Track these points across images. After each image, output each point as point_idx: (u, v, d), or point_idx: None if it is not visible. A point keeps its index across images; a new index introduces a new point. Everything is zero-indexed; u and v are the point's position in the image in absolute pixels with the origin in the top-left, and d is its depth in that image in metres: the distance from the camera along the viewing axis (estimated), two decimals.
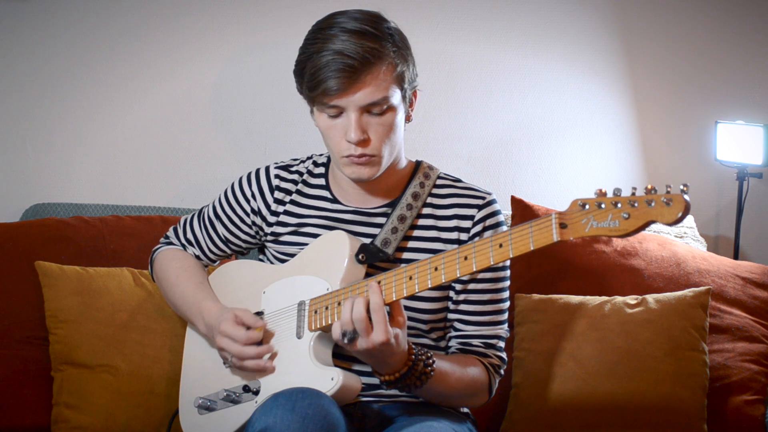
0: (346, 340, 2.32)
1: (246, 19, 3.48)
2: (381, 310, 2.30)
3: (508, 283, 2.64)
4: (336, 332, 2.34)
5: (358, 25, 2.45)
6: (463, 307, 2.59)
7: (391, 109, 2.48)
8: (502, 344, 2.63)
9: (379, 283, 2.34)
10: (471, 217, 2.60)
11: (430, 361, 2.42)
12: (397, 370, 2.38)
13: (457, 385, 2.51)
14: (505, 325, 2.64)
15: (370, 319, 2.31)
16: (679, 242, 3.32)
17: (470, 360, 2.57)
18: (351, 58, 2.41)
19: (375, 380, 2.54)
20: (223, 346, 2.52)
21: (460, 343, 2.61)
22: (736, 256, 3.58)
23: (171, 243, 2.85)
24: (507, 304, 2.64)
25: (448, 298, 2.62)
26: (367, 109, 2.46)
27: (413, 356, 2.39)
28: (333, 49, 2.43)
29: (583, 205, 2.06)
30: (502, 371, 2.62)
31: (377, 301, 2.30)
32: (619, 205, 2.01)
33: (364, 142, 2.47)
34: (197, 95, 3.49)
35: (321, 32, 2.48)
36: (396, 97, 2.49)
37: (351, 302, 2.32)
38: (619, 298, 3.06)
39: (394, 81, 2.48)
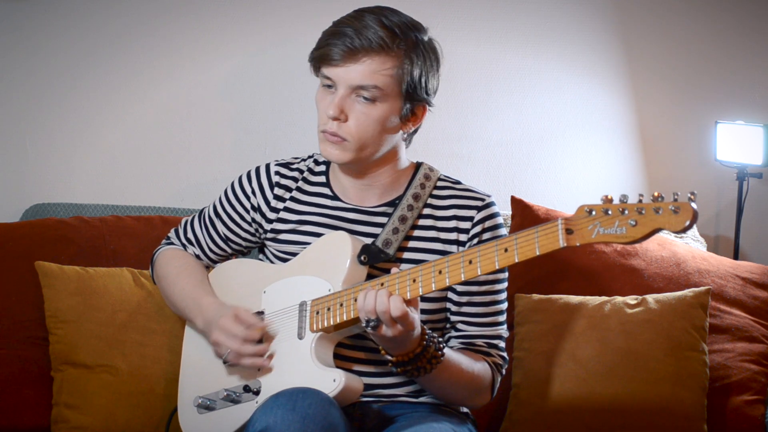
0: (369, 328, 2.32)
1: (246, 20, 3.47)
2: (406, 318, 2.30)
3: (506, 284, 2.66)
4: (362, 318, 2.33)
5: (391, 21, 2.50)
6: (465, 309, 2.60)
7: (380, 102, 2.50)
8: (503, 344, 2.64)
9: (382, 285, 2.35)
10: (470, 218, 2.61)
11: (441, 345, 2.42)
12: (411, 350, 2.38)
13: (463, 376, 2.51)
14: (505, 325, 2.65)
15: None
16: (679, 242, 3.32)
17: (476, 357, 2.57)
18: (359, 39, 2.45)
19: (375, 380, 2.56)
20: (220, 341, 2.52)
21: (463, 343, 2.61)
22: (736, 256, 3.58)
23: (172, 243, 2.85)
24: (506, 304, 2.65)
25: (447, 299, 2.62)
26: (356, 92, 2.48)
27: (426, 336, 2.39)
28: (353, 26, 2.47)
29: (590, 211, 2.05)
30: (503, 371, 2.63)
31: (399, 306, 2.29)
32: (626, 212, 2.00)
33: (340, 122, 2.50)
34: (197, 95, 3.49)
35: (359, 11, 2.53)
36: (389, 95, 2.50)
37: (374, 294, 2.31)
38: (619, 298, 3.06)
39: (393, 78, 2.49)
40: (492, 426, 3.07)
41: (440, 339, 2.44)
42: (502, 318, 2.64)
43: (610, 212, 2.02)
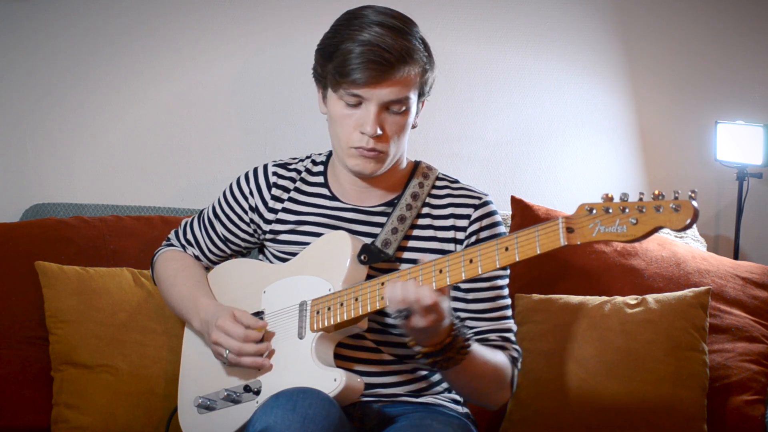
0: (400, 319, 2.29)
1: (246, 20, 3.47)
2: (437, 306, 2.26)
3: (507, 280, 2.65)
4: (392, 310, 2.29)
5: (394, 23, 2.47)
6: (472, 306, 2.59)
7: (408, 110, 2.50)
8: (515, 338, 2.62)
9: (383, 284, 2.34)
10: (467, 217, 2.61)
11: (468, 335, 2.38)
12: (440, 341, 2.33)
13: (488, 368, 2.48)
14: (513, 320, 2.64)
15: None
16: (679, 242, 3.32)
17: (495, 349, 2.55)
18: (388, 53, 2.43)
19: (375, 380, 2.56)
20: (219, 341, 2.52)
21: (477, 340, 2.58)
22: (736, 256, 3.58)
23: (171, 245, 2.85)
24: (509, 300, 2.65)
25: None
26: (386, 106, 2.47)
27: (455, 326, 2.34)
28: (369, 40, 2.43)
29: (591, 210, 2.05)
30: (519, 364, 2.61)
31: (430, 294, 2.25)
32: (627, 211, 2.00)
33: (378, 137, 2.48)
34: (197, 95, 3.48)
35: (356, 20, 2.49)
36: (415, 100, 2.51)
37: (401, 285, 2.27)
38: (619, 298, 3.06)
39: (418, 84, 2.51)
40: (492, 426, 3.07)
41: (466, 329, 2.39)
42: (509, 312, 2.63)
43: (610, 211, 2.02)
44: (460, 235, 2.60)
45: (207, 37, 3.47)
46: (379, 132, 2.47)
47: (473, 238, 2.60)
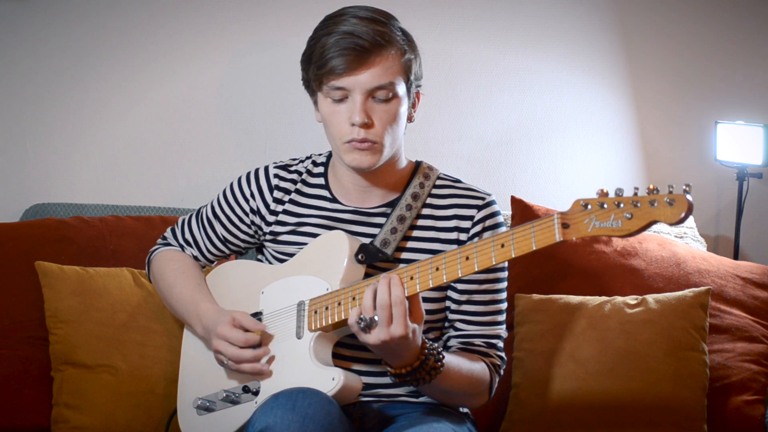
0: (361, 326, 2.31)
1: (246, 19, 3.48)
2: (402, 304, 2.29)
3: (506, 283, 2.65)
4: (353, 317, 2.33)
5: (368, 14, 2.49)
6: (465, 307, 2.59)
7: (396, 97, 2.50)
8: (501, 344, 2.63)
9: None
10: (470, 218, 2.61)
11: (441, 356, 2.41)
12: (409, 364, 2.37)
13: (463, 382, 2.50)
14: (504, 325, 2.64)
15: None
16: (679, 242, 3.32)
17: (474, 358, 2.57)
18: (361, 39, 2.44)
19: (375, 380, 2.56)
20: (219, 349, 2.52)
21: (462, 343, 2.60)
22: (736, 256, 3.58)
23: (168, 244, 2.84)
24: (505, 304, 2.65)
25: (446, 299, 2.62)
26: (372, 94, 2.48)
27: (426, 350, 2.38)
28: (343, 31, 2.46)
29: (586, 205, 2.06)
30: (502, 371, 2.63)
31: (399, 294, 2.29)
32: (622, 205, 2.01)
33: (367, 126, 2.48)
34: (197, 95, 3.49)
35: (331, 19, 2.52)
36: (401, 87, 2.51)
37: (373, 288, 2.31)
38: (619, 298, 3.06)
39: (401, 69, 2.50)
40: (492, 426, 3.07)
41: (440, 349, 2.43)
42: (502, 318, 2.63)
43: (605, 206, 2.03)
44: (463, 237, 2.60)
45: (207, 36, 3.47)
46: (367, 120, 2.47)
47: (476, 240, 2.58)
